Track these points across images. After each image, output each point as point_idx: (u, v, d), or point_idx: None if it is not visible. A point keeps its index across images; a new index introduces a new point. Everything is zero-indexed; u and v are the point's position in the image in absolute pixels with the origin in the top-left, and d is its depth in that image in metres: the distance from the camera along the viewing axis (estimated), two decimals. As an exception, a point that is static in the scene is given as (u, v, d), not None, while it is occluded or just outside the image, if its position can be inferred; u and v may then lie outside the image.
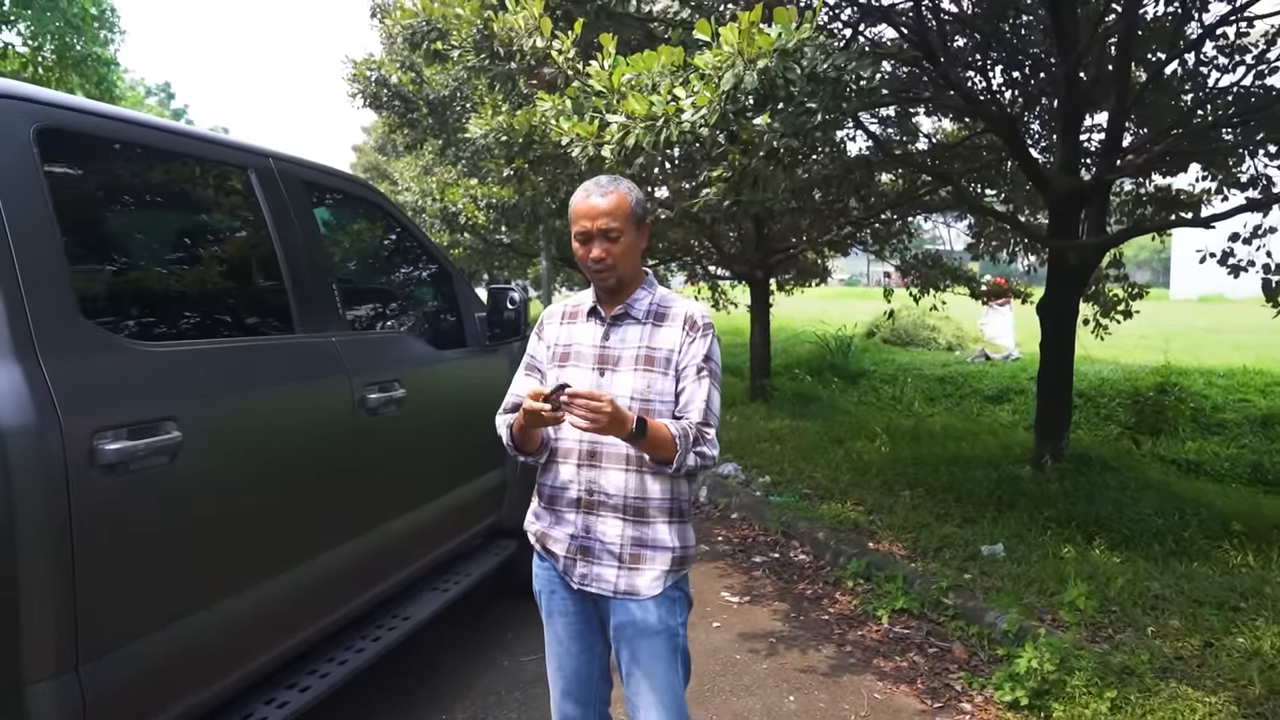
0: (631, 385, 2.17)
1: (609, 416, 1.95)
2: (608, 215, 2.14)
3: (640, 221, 2.21)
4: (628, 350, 2.21)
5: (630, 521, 2.19)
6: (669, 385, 2.17)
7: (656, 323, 2.23)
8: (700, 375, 2.18)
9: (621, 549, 2.19)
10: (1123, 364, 12.05)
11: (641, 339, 2.21)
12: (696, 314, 2.23)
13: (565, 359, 2.27)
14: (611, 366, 2.21)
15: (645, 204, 2.24)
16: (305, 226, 2.95)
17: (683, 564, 2.24)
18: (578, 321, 2.31)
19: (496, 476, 4.04)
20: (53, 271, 1.93)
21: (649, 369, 2.18)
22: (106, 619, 1.96)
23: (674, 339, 2.19)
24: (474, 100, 8.12)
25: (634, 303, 2.24)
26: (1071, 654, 3.57)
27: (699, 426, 2.14)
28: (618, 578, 2.19)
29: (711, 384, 2.19)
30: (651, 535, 2.19)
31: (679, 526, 2.23)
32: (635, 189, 2.22)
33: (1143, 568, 4.65)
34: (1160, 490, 5.99)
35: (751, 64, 3.02)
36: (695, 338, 2.20)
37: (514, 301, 3.82)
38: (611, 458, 2.19)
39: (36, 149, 1.98)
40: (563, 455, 2.26)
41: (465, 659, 3.96)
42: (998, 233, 9.81)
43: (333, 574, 2.80)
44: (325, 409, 2.79)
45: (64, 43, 20.94)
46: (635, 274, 2.25)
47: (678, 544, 2.22)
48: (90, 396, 1.93)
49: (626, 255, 2.19)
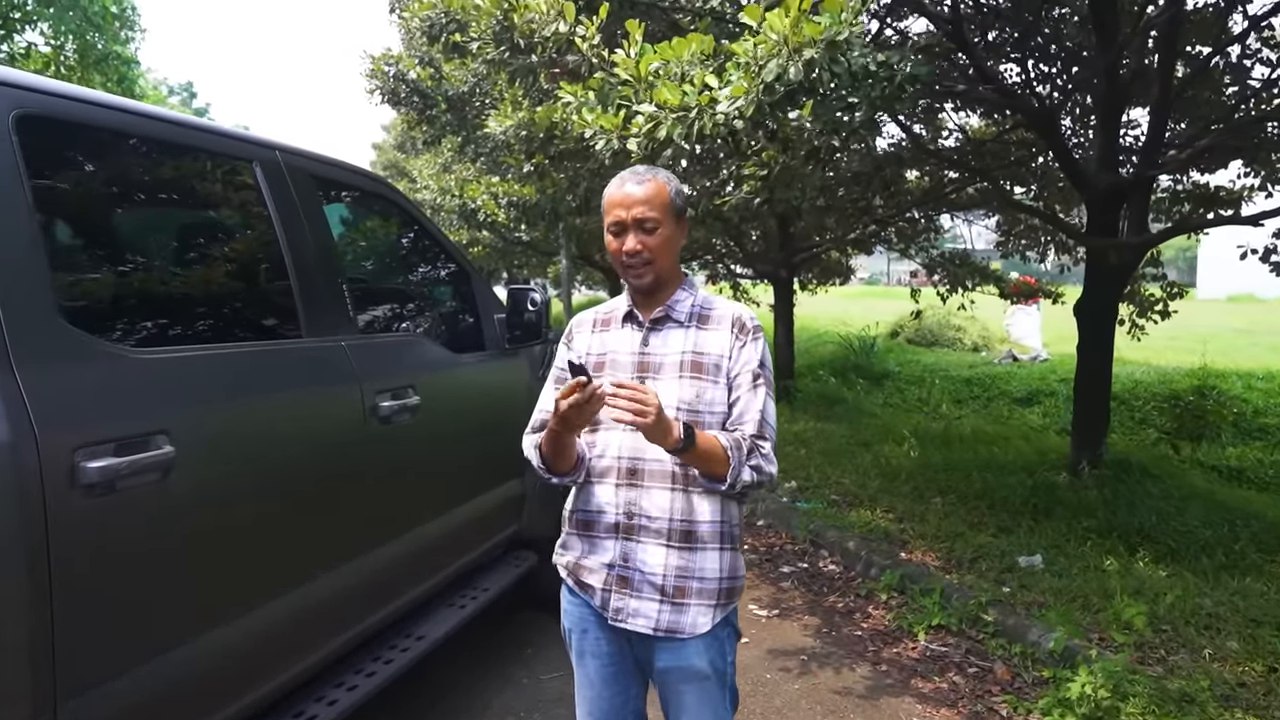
0: (678, 394, 1.97)
1: (655, 412, 1.77)
2: (644, 204, 1.95)
3: (680, 214, 2.02)
4: (670, 356, 2.01)
5: (675, 549, 1.97)
6: (720, 394, 1.98)
7: (701, 326, 2.03)
8: (756, 384, 1.99)
9: (665, 580, 1.97)
10: (1155, 366, 11.76)
11: (686, 344, 2.01)
12: (745, 316, 2.04)
13: (600, 369, 2.06)
14: (653, 374, 2.01)
15: (685, 196, 2.04)
16: (314, 223, 2.77)
17: (731, 596, 2.04)
18: (611, 328, 2.11)
19: (515, 486, 3.86)
20: (30, 271, 1.75)
21: (697, 376, 1.98)
22: (89, 654, 1.78)
23: (722, 343, 2.00)
24: (493, 96, 7.98)
25: (675, 304, 2.04)
26: (1125, 678, 3.36)
27: (754, 439, 1.95)
28: (660, 613, 1.97)
29: (767, 393, 2.01)
30: (699, 564, 1.98)
31: (729, 554, 2.02)
32: (675, 179, 2.03)
33: (1192, 583, 4.43)
34: (1206, 499, 5.75)
35: (796, 54, 2.81)
36: (746, 341, 2.01)
37: (535, 302, 3.64)
38: (655, 475, 1.98)
39: (15, 137, 1.80)
40: (599, 475, 2.05)
41: (482, 675, 3.79)
42: (1027, 231, 9.58)
43: (341, 595, 2.62)
44: (333, 418, 2.61)
45: (85, 41, 20.99)
46: (674, 273, 2.05)
47: (727, 574, 2.01)
48: (71, 409, 1.76)
49: (664, 249, 1.99)
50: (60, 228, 2.06)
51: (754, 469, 1.93)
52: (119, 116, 2.16)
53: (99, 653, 1.81)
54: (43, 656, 1.66)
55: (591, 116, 3.68)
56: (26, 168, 1.81)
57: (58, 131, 2.00)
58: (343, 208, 3.56)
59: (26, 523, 1.62)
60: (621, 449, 2.01)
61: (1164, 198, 7.88)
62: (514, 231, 10.49)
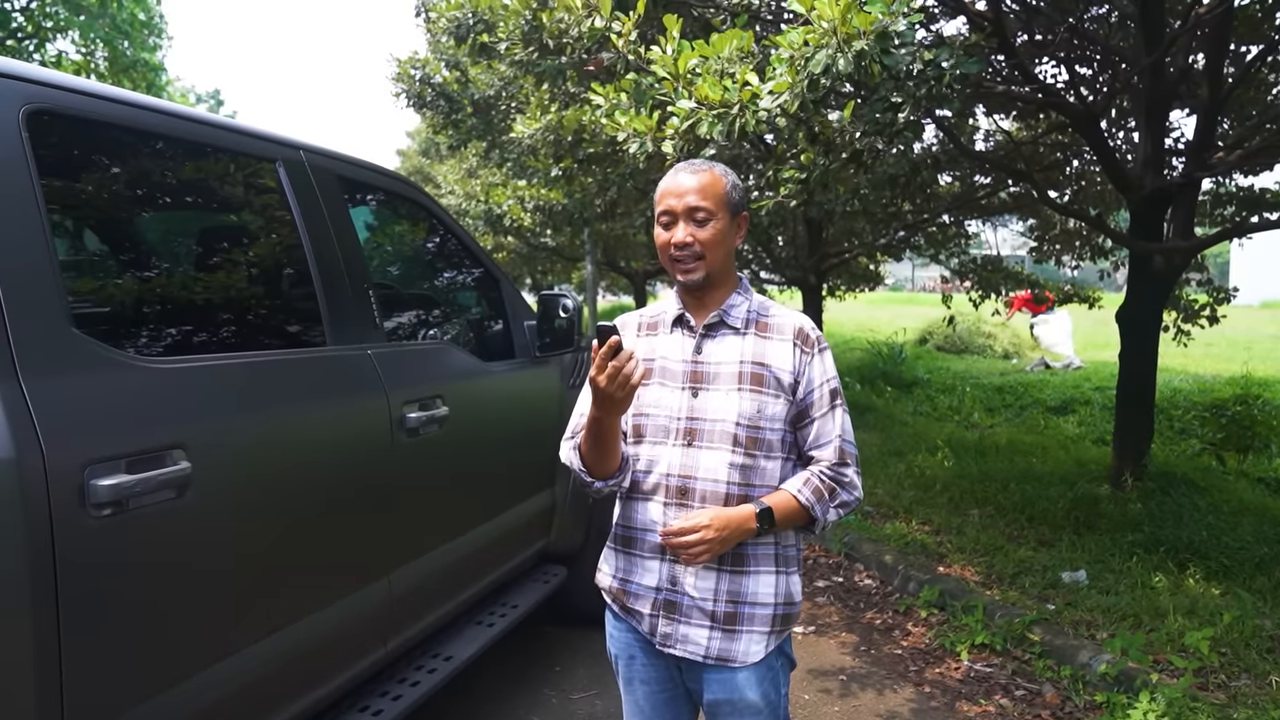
0: (737, 408, 1.82)
1: (719, 536, 1.73)
2: (697, 192, 1.81)
3: (736, 210, 1.87)
4: (727, 366, 1.86)
5: (727, 572, 1.85)
6: (781, 409, 1.84)
7: (760, 334, 1.88)
8: (835, 404, 1.86)
9: (715, 605, 1.84)
10: (1193, 374, 11.50)
11: (744, 353, 1.86)
12: (807, 326, 1.89)
13: (649, 377, 1.91)
14: (706, 385, 1.86)
15: (744, 191, 1.90)
16: (339, 226, 2.65)
17: (787, 623, 1.91)
18: (659, 333, 1.97)
19: (545, 499, 3.74)
20: (40, 276, 1.64)
21: (758, 390, 1.83)
22: (99, 685, 1.67)
23: (785, 356, 1.85)
24: (520, 100, 7.88)
25: (730, 309, 1.89)
26: (1186, 705, 3.19)
27: (836, 470, 1.84)
28: (710, 640, 1.84)
29: (844, 410, 1.89)
30: (751, 589, 1.85)
31: (784, 578, 1.90)
32: (732, 173, 1.90)
33: (1249, 602, 4.23)
34: (1259, 514, 5.54)
35: (846, 44, 2.67)
36: (814, 355, 1.87)
37: (567, 309, 3.51)
38: (708, 496, 1.83)
39: (25, 133, 1.69)
40: (646, 491, 1.90)
41: (513, 694, 3.67)
42: (1062, 235, 9.38)
43: (367, 615, 2.50)
44: (359, 431, 2.48)
45: (114, 49, 21.21)
46: (727, 273, 1.91)
47: (782, 599, 1.88)
48: (82, 423, 1.64)
49: (716, 245, 1.83)
50: (72, 230, 1.96)
51: (840, 506, 1.85)
52: (135, 113, 2.05)
53: (109, 682, 1.69)
54: (49, 687, 1.55)
55: (625, 119, 3.56)
56: (37, 166, 1.70)
57: (71, 128, 1.90)
58: (369, 210, 3.46)
59: (33, 544, 1.51)
60: (671, 465, 1.87)
61: (1205, 201, 7.68)
62: (539, 236, 10.41)
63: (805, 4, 2.78)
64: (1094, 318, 15.83)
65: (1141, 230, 5.81)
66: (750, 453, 1.83)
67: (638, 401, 1.89)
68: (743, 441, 1.82)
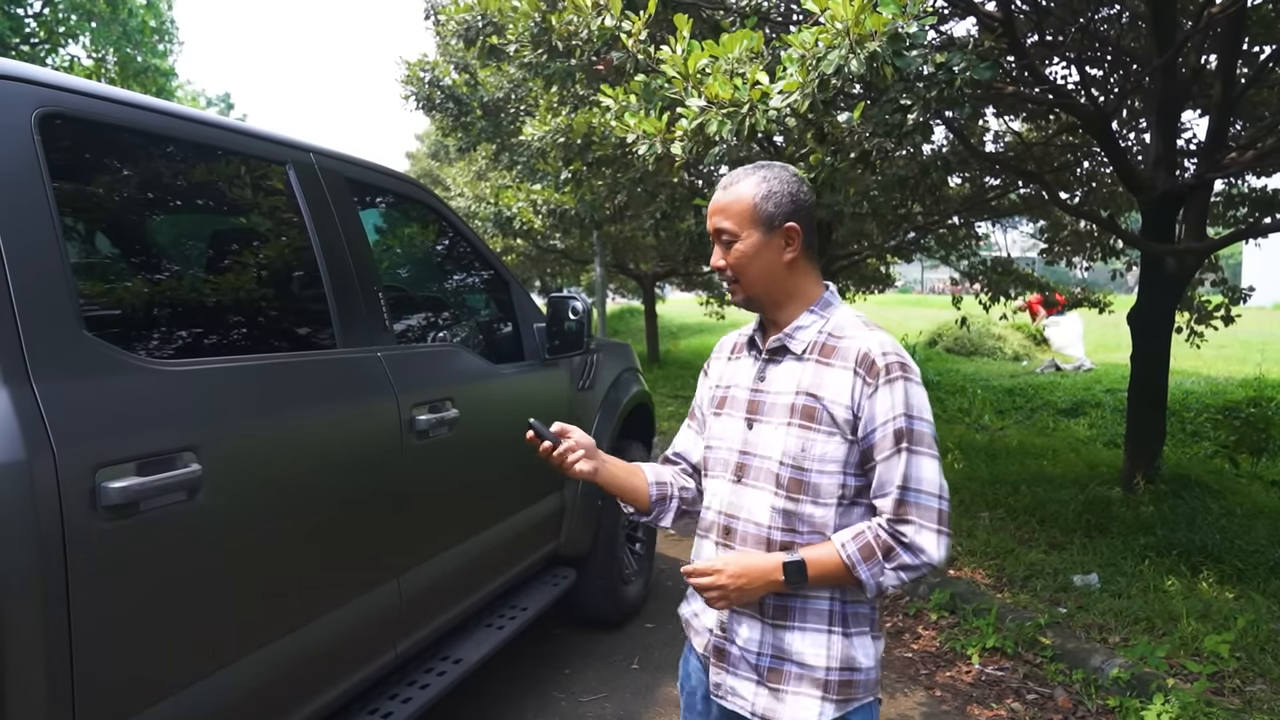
0: (783, 445, 1.63)
1: (733, 583, 1.58)
2: (720, 213, 1.68)
3: (771, 223, 1.65)
4: (782, 397, 1.66)
5: (770, 624, 1.66)
6: (834, 449, 1.60)
7: (821, 360, 1.64)
8: (900, 446, 1.56)
9: (759, 659, 1.67)
10: (1205, 376, 11.43)
11: (801, 382, 1.65)
12: (875, 350, 1.60)
13: (722, 405, 1.78)
14: (761, 416, 1.69)
15: (785, 198, 1.65)
16: (349, 229, 2.65)
17: (848, 691, 1.64)
18: (740, 355, 1.81)
19: (554, 501, 3.73)
20: (51, 278, 1.64)
21: (806, 425, 1.61)
22: (110, 688, 1.66)
23: (842, 387, 1.60)
24: (529, 103, 7.89)
25: (795, 331, 1.69)
26: (1201, 710, 3.17)
27: (893, 527, 1.56)
28: (755, 696, 1.68)
29: (917, 453, 1.57)
30: (795, 646, 1.65)
31: (840, 639, 1.64)
32: (774, 180, 1.67)
33: (1264, 606, 4.19)
34: (1273, 517, 5.50)
35: (859, 45, 2.66)
36: (877, 386, 1.58)
37: (576, 311, 3.51)
38: (748, 539, 1.67)
39: (38, 136, 1.70)
40: (704, 528, 1.79)
41: (522, 697, 3.66)
42: (1073, 237, 9.35)
43: (376, 618, 2.50)
44: (369, 433, 2.48)
45: (125, 55, 21.35)
46: (785, 292, 1.70)
47: (837, 663, 1.63)
48: (93, 425, 1.64)
49: (745, 266, 1.68)
50: (83, 233, 1.96)
51: (900, 569, 1.56)
52: (146, 116, 2.05)
53: (120, 686, 1.69)
54: (61, 691, 1.55)
55: (634, 121, 3.56)
56: (50, 169, 1.70)
57: (83, 131, 1.90)
58: (378, 212, 3.46)
59: (44, 546, 1.51)
60: (721, 502, 1.74)
61: (1217, 202, 7.64)
62: (549, 239, 10.41)
63: (820, 3, 2.77)
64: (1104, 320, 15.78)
65: (1153, 231, 5.79)
66: (793, 496, 1.63)
67: (709, 433, 1.81)
68: (785, 483, 1.63)
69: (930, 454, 1.58)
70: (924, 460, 1.57)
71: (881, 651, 1.72)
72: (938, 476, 1.58)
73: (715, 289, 15.98)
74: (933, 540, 1.56)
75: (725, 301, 15.71)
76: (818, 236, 1.70)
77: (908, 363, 1.60)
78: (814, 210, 1.70)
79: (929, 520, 1.56)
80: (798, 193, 1.66)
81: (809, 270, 1.71)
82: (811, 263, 1.72)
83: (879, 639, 1.70)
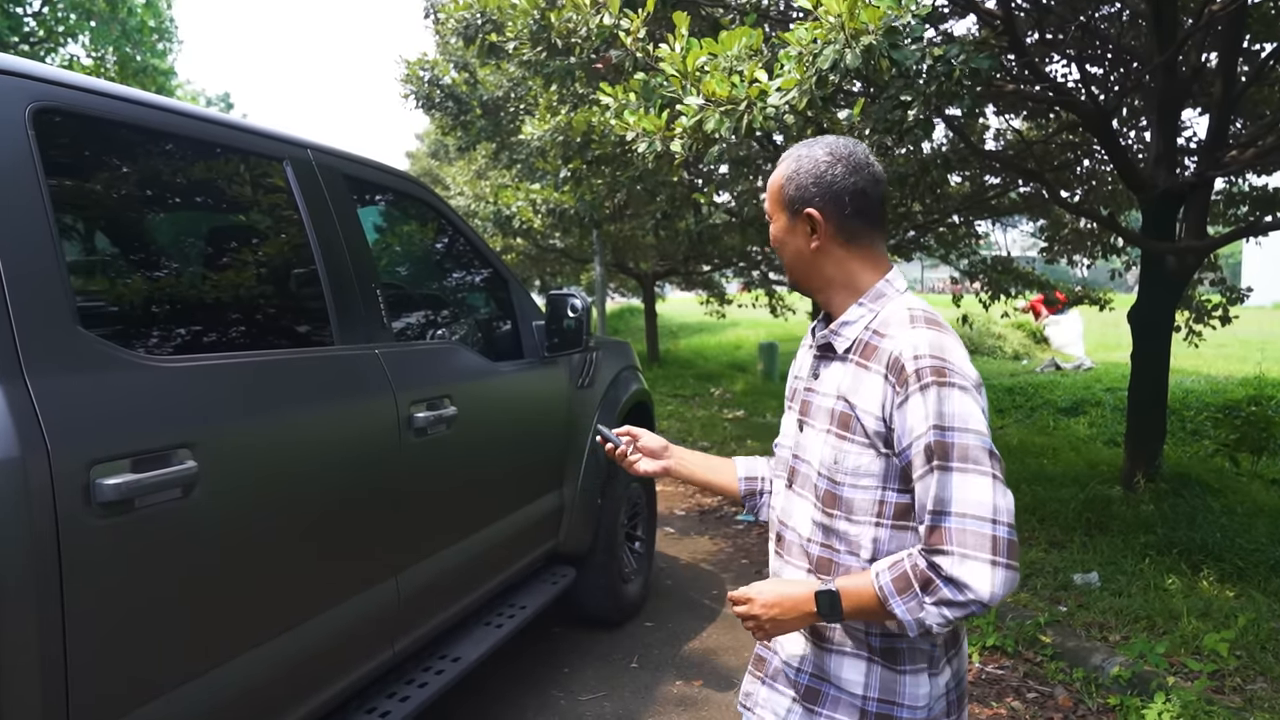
0: (820, 453, 1.51)
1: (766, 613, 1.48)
2: (766, 191, 1.58)
3: (793, 206, 1.52)
4: (826, 400, 1.53)
5: (810, 641, 1.57)
6: (870, 463, 1.44)
7: (861, 362, 1.48)
8: (932, 465, 1.35)
9: (799, 675, 1.59)
10: (1205, 375, 11.43)
11: (840, 385, 1.50)
12: (906, 352, 1.40)
13: (793, 398, 1.67)
14: (810, 419, 1.57)
15: (804, 180, 1.51)
16: (347, 226, 2.64)
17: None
18: (808, 343, 1.69)
19: (554, 499, 3.73)
20: (46, 274, 1.63)
21: (841, 434, 1.48)
22: (106, 686, 1.65)
23: (874, 394, 1.43)
24: (528, 101, 7.89)
25: (841, 326, 1.53)
26: (1201, 708, 3.16)
27: (928, 559, 1.35)
28: (789, 713, 1.60)
29: (948, 472, 1.35)
30: (832, 669, 1.54)
31: (878, 668, 1.50)
32: (804, 159, 1.52)
33: (1265, 605, 4.19)
34: (1274, 516, 5.49)
35: (854, 40, 2.65)
36: (907, 395, 1.38)
37: (575, 309, 3.50)
38: (793, 550, 1.59)
39: (32, 132, 1.69)
40: (769, 530, 1.72)
41: (521, 696, 3.65)
42: (1073, 235, 9.35)
43: (374, 616, 2.49)
44: (367, 431, 2.47)
45: (125, 54, 21.36)
46: (826, 280, 1.55)
47: (875, 693, 1.49)
48: (87, 422, 1.63)
49: (781, 249, 1.58)
50: (79, 229, 1.95)
51: (942, 605, 1.33)
52: (142, 111, 2.04)
53: (114, 683, 1.68)
54: (55, 687, 1.54)
55: (633, 119, 3.55)
56: (44, 164, 1.69)
57: (79, 126, 1.89)
58: (376, 210, 3.45)
59: (38, 543, 1.50)
60: (777, 505, 1.67)
61: (1217, 200, 7.64)
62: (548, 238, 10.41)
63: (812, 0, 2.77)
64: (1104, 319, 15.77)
65: (1154, 230, 5.78)
66: (827, 510, 1.50)
67: (781, 429, 1.72)
68: (821, 495, 1.51)
69: (977, 470, 1.34)
70: (965, 479, 1.34)
71: (950, 689, 1.53)
72: (989, 496, 1.33)
73: (715, 288, 15.97)
74: (981, 574, 1.31)
75: (725, 300, 15.69)
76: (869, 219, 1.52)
77: (946, 365, 1.38)
78: (855, 191, 1.50)
79: (975, 549, 1.31)
80: (825, 174, 1.49)
81: (850, 257, 1.53)
82: (854, 249, 1.53)
83: (938, 675, 1.50)
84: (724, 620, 4.53)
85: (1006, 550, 1.32)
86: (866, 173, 1.51)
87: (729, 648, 4.18)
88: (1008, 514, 1.34)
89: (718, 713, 3.57)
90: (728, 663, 4.02)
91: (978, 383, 1.41)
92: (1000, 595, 1.31)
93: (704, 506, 6.89)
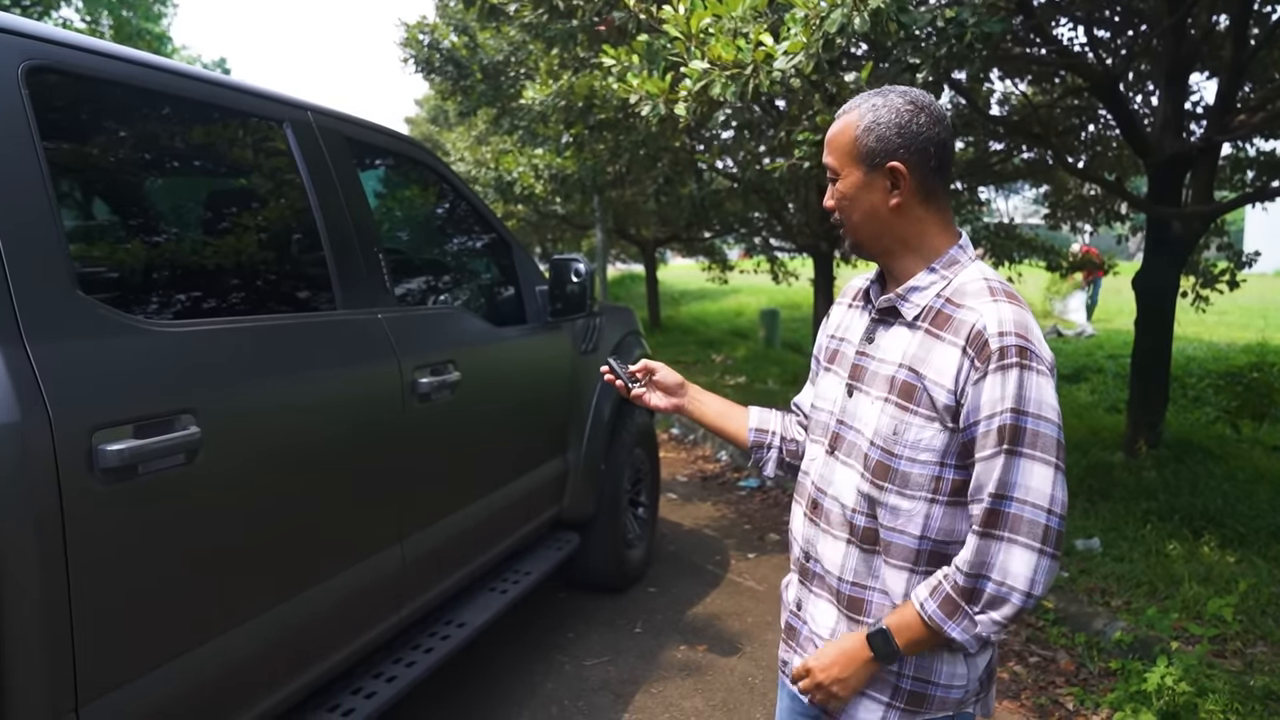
0: (875, 422, 1.45)
1: (826, 678, 1.44)
2: (826, 146, 1.48)
3: (873, 159, 1.40)
4: (885, 367, 1.45)
5: (845, 615, 1.52)
6: (933, 438, 1.38)
7: (932, 331, 1.40)
8: (1000, 447, 1.31)
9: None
10: (1208, 342, 11.41)
11: (906, 353, 1.43)
12: (991, 326, 1.33)
13: (833, 359, 1.60)
14: (862, 385, 1.50)
15: (888, 130, 1.40)
16: (348, 189, 2.62)
17: (917, 704, 1.47)
18: (859, 305, 1.60)
19: (558, 465, 3.73)
20: (44, 238, 1.60)
21: (903, 405, 1.41)
22: (111, 652, 1.65)
23: (949, 367, 1.36)
24: (529, 66, 7.79)
25: (910, 292, 1.45)
26: (1203, 672, 3.17)
27: (975, 549, 1.34)
28: None
29: (1017, 458, 1.31)
30: None
31: None
32: (883, 108, 1.41)
33: (1265, 570, 4.20)
34: (1275, 482, 5.50)
35: (862, 2, 2.61)
36: (987, 371, 1.32)
37: (579, 273, 3.47)
38: (833, 519, 1.52)
39: (26, 91, 1.65)
40: (797, 495, 1.65)
41: (527, 661, 3.67)
42: (1077, 201, 9.28)
43: (379, 581, 2.49)
44: (370, 396, 2.46)
45: (119, 19, 21.13)
46: (896, 241, 1.46)
47: (910, 671, 1.46)
48: (89, 387, 1.61)
49: (849, 208, 1.45)
50: (77, 191, 1.93)
51: (989, 609, 1.33)
52: (139, 71, 2.00)
53: (120, 649, 1.68)
54: (61, 657, 1.54)
55: (636, 82, 3.51)
56: (39, 125, 1.66)
57: (73, 86, 1.86)
58: (378, 174, 3.42)
59: (41, 510, 1.49)
60: (814, 471, 1.59)
61: (1223, 165, 7.57)
62: (549, 204, 10.35)
63: None
64: (1106, 285, 15.71)
65: (1160, 195, 5.73)
66: (877, 483, 1.44)
67: (818, 388, 1.65)
68: (872, 466, 1.44)
69: (1045, 460, 1.31)
70: (1032, 466, 1.31)
71: (983, 670, 1.50)
72: (1049, 488, 1.32)
73: (717, 254, 15.89)
74: (1026, 562, 1.31)
75: (727, 267, 15.61)
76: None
77: (1031, 347, 1.32)
78: (939, 143, 1.41)
79: (1026, 536, 1.31)
80: (909, 124, 1.39)
81: (927, 217, 1.44)
82: (932, 208, 1.44)
83: (977, 656, 1.47)
84: (727, 585, 4.55)
85: (1055, 541, 1.33)
86: (946, 124, 1.43)
87: (732, 613, 4.20)
88: (1062, 507, 1.34)
89: (721, 677, 3.59)
90: (731, 627, 4.05)
91: (1053, 365, 1.37)
92: (1042, 582, 1.31)
93: (706, 473, 6.91)
